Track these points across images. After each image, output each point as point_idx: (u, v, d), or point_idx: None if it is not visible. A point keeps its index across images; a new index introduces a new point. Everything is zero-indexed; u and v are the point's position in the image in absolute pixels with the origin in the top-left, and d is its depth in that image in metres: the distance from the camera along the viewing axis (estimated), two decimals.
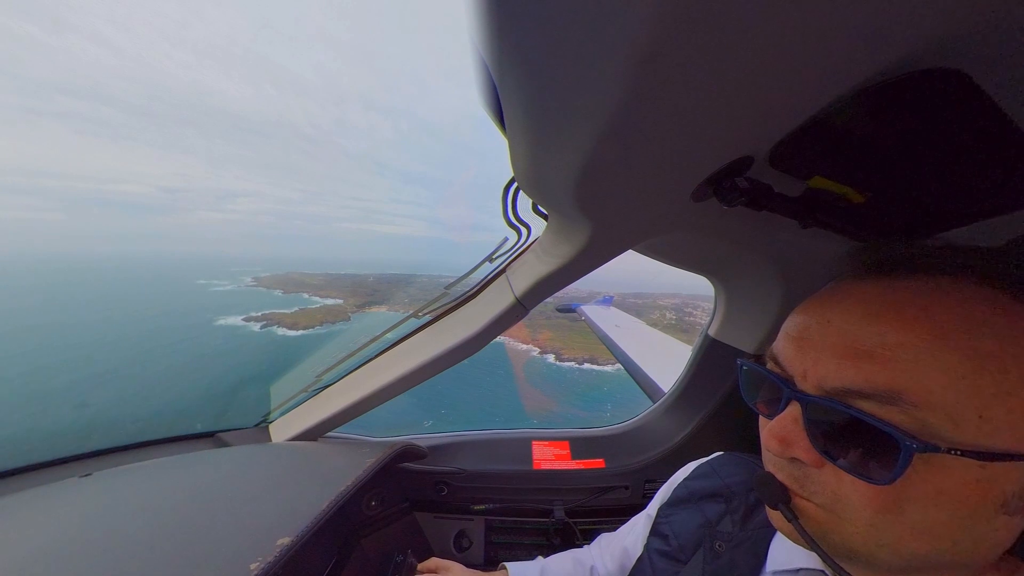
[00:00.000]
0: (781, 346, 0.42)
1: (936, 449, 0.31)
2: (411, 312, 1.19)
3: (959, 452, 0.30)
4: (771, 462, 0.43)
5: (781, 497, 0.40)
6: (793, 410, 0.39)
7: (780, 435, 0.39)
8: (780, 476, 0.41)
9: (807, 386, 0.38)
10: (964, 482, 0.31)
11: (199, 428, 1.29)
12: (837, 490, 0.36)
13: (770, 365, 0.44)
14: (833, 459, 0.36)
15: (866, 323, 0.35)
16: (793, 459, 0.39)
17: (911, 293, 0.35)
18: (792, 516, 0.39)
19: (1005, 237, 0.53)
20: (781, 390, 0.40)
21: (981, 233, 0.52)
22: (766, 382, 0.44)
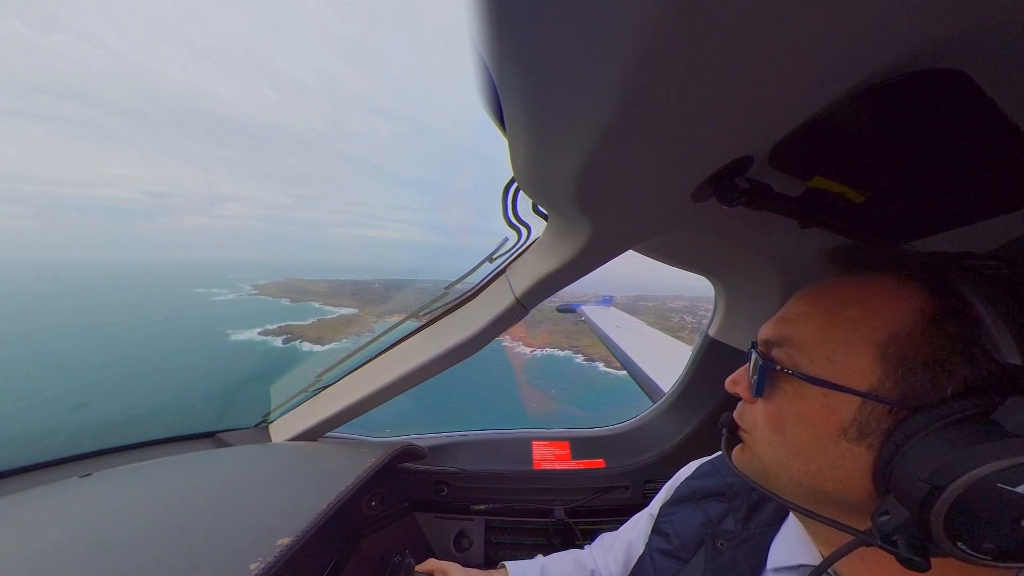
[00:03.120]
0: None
1: (785, 371, 0.44)
2: (411, 312, 1.19)
3: (805, 377, 0.42)
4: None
5: (729, 425, 0.54)
6: (748, 362, 0.51)
7: (733, 378, 0.53)
8: (734, 414, 0.54)
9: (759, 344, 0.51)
10: (814, 406, 0.42)
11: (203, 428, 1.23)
12: (754, 416, 0.49)
13: None
14: (753, 393, 0.48)
15: (796, 302, 0.49)
16: (742, 401, 0.52)
17: (852, 284, 0.45)
18: (728, 436, 0.53)
19: (1005, 237, 0.53)
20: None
21: (981, 233, 0.52)
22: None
